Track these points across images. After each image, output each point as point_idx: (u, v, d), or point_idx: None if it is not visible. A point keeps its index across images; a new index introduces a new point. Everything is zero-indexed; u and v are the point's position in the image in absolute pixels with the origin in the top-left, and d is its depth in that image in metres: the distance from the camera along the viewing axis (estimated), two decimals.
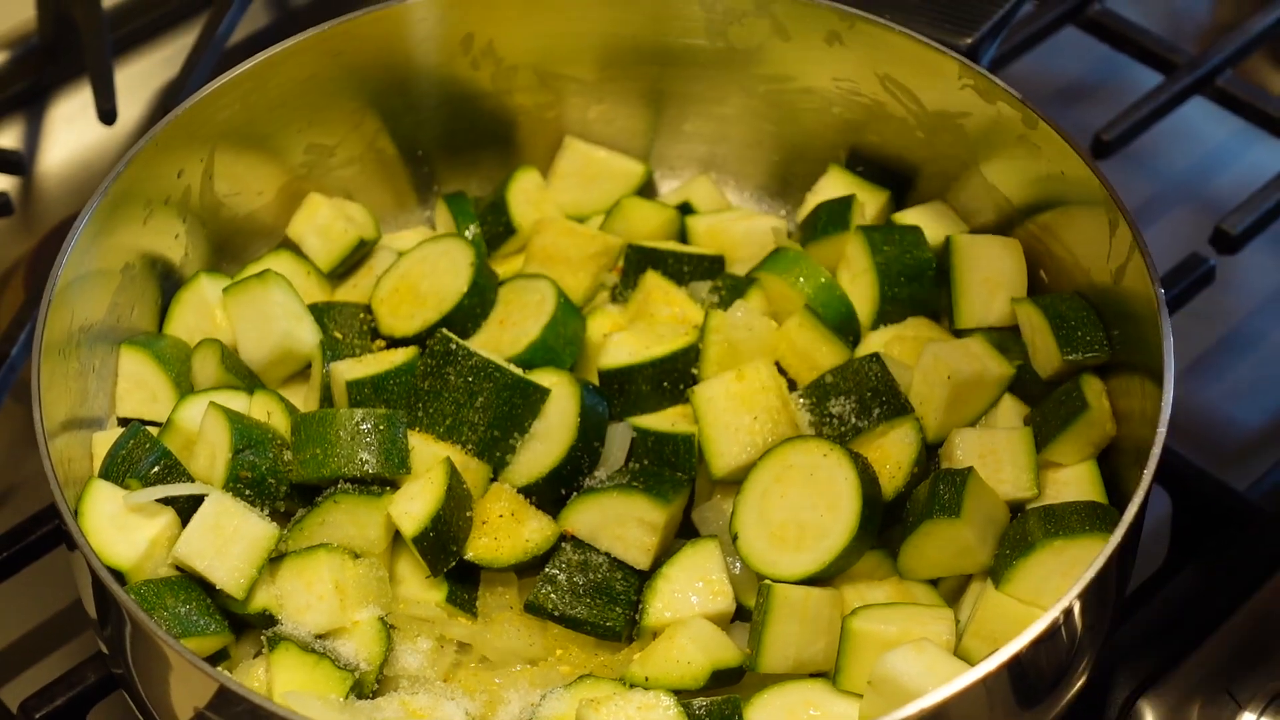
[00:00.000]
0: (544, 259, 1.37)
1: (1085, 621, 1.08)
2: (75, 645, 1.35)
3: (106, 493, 1.19)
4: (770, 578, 1.18)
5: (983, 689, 1.03)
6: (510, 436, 1.24)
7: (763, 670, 1.16)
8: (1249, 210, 1.47)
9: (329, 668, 1.16)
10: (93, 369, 1.27)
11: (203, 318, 1.34)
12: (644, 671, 1.16)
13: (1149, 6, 1.79)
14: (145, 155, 1.28)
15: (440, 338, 1.25)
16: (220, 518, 1.18)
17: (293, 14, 1.79)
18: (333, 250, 1.39)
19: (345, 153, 1.42)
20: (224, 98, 1.33)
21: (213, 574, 1.17)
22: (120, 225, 1.28)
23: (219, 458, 1.21)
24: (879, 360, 1.25)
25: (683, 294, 1.35)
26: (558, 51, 1.42)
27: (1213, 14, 1.84)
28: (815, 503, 1.19)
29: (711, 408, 1.24)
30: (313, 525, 1.22)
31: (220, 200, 1.36)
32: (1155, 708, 1.23)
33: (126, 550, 1.18)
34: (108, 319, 1.29)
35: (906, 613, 1.17)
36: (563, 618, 1.21)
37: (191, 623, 1.16)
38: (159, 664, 1.08)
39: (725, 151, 1.47)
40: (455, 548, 1.22)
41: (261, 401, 1.27)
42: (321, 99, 1.39)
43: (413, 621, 1.22)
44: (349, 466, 1.21)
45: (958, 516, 1.17)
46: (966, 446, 1.23)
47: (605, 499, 1.22)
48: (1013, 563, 1.16)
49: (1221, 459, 1.39)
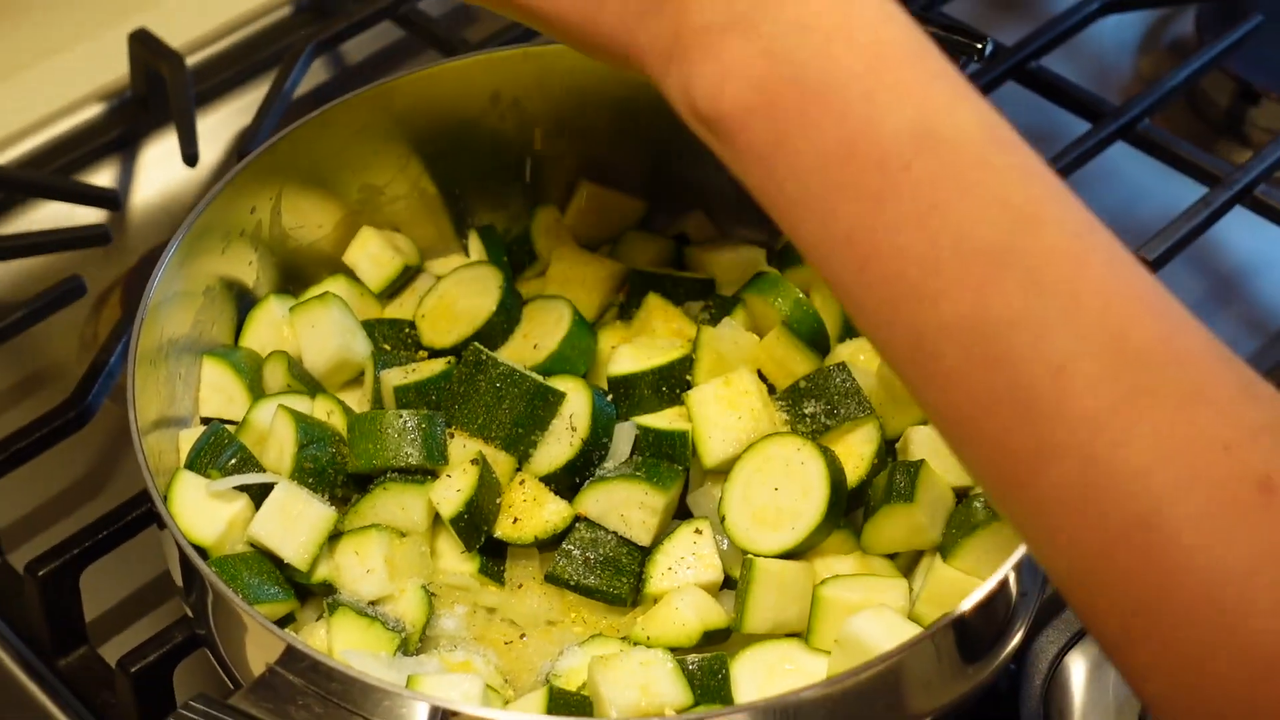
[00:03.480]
0: (561, 282, 1.38)
1: (1019, 589, 1.09)
2: (164, 610, 1.35)
3: (191, 481, 1.20)
4: (752, 553, 1.19)
5: (932, 646, 1.04)
6: (533, 433, 1.24)
7: (746, 631, 1.17)
8: (1165, 238, 1.47)
9: (380, 629, 1.16)
10: (179, 376, 1.28)
11: (272, 332, 1.34)
12: (646, 632, 1.17)
13: (1080, 64, 1.77)
14: (224, 195, 1.28)
15: (473, 349, 1.25)
16: (287, 503, 1.19)
17: (348, 72, 1.79)
18: (382, 275, 1.39)
19: (393, 192, 1.42)
20: (290, 145, 1.33)
21: (282, 550, 1.18)
22: (202, 254, 1.29)
23: (286, 452, 1.22)
24: (845, 369, 1.25)
25: (679, 312, 1.36)
26: (572, 107, 1.42)
27: (1135, 69, 1.84)
28: (791, 489, 1.19)
29: (703, 409, 1.24)
30: (365, 508, 1.22)
31: (287, 232, 1.37)
32: (1081, 661, 1.23)
33: (208, 530, 1.18)
34: (191, 333, 1.29)
35: (868, 583, 1.17)
36: (577, 586, 1.21)
37: (263, 591, 1.16)
38: (236, 626, 1.09)
39: (716, 190, 1.46)
40: (486, 527, 1.22)
41: (322, 404, 1.28)
42: (373, 146, 1.39)
43: (450, 590, 1.23)
44: (396, 459, 1.22)
45: (912, 501, 1.17)
46: (920, 442, 1.23)
47: (613, 486, 1.22)
48: (958, 540, 1.17)
49: None
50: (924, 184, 0.84)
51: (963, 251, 0.83)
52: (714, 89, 0.89)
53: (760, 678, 1.13)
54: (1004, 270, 0.82)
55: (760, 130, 0.88)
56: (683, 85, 0.91)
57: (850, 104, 0.86)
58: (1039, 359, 0.81)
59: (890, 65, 0.87)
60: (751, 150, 0.89)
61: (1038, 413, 0.81)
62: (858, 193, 0.85)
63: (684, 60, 0.91)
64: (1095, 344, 0.80)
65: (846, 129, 0.85)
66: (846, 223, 0.86)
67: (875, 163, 0.85)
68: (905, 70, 0.87)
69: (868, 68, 0.86)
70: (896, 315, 0.85)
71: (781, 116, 0.87)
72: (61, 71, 1.75)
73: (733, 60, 0.88)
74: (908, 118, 0.85)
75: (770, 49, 0.87)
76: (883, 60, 0.87)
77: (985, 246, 0.82)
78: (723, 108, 0.89)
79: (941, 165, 0.84)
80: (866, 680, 1.01)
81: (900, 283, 0.84)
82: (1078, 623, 1.25)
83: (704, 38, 0.89)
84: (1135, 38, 1.86)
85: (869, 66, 0.86)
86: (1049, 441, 0.81)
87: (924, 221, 0.83)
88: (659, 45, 0.93)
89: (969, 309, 0.82)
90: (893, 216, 0.84)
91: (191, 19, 1.78)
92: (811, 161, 0.86)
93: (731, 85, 0.88)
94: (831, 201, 0.86)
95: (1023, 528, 0.85)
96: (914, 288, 0.84)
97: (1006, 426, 0.82)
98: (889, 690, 1.04)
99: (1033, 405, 0.81)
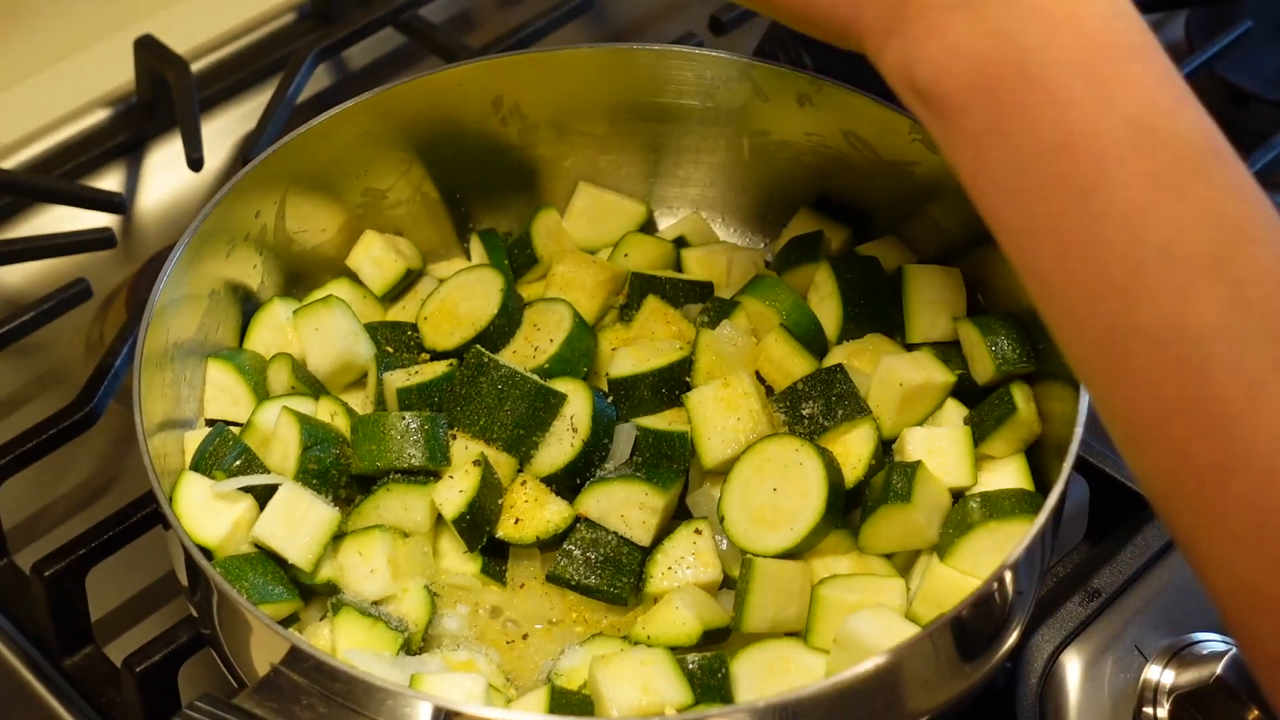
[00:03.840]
0: (562, 285, 1.37)
1: (1015, 589, 1.09)
2: (169, 610, 1.35)
3: (196, 482, 1.20)
4: (751, 553, 1.18)
5: (929, 645, 1.04)
6: (534, 435, 1.24)
7: (745, 630, 1.16)
8: None
9: (383, 629, 1.16)
10: (184, 378, 1.27)
11: (277, 335, 1.34)
12: (646, 631, 1.16)
13: None
14: (228, 199, 1.28)
15: (475, 352, 1.25)
16: (292, 503, 1.19)
17: (351, 77, 1.79)
18: (385, 278, 1.38)
19: (395, 196, 1.42)
20: (294, 149, 1.33)
21: (286, 551, 1.17)
22: (207, 257, 1.28)
23: (291, 453, 1.22)
24: (842, 370, 1.25)
25: (678, 315, 1.35)
26: (572, 111, 1.42)
27: None
28: (789, 490, 1.19)
29: (702, 410, 1.24)
30: (369, 509, 1.22)
31: (291, 236, 1.37)
32: (1075, 660, 1.23)
33: (213, 530, 1.18)
34: (197, 336, 1.29)
35: (865, 582, 1.17)
36: (578, 586, 1.21)
37: (268, 591, 1.16)
38: (240, 626, 1.08)
39: (714, 194, 1.47)
40: (488, 528, 1.22)
41: (326, 406, 1.27)
42: (375, 150, 1.39)
43: (453, 590, 1.23)
44: (399, 460, 1.21)
45: (909, 502, 1.17)
46: (916, 443, 1.23)
47: (613, 487, 1.22)
48: (954, 540, 1.17)
49: None
50: (1138, 183, 0.83)
51: (1170, 256, 0.81)
52: (937, 66, 0.89)
53: (760, 677, 1.13)
54: (1210, 281, 0.81)
55: (979, 112, 0.87)
56: (903, 60, 0.91)
57: (1072, 94, 0.85)
58: (1235, 373, 0.80)
59: (1116, 59, 0.86)
60: (967, 131, 0.88)
61: (1227, 426, 0.80)
62: (1069, 183, 0.84)
63: (906, 35, 0.90)
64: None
65: (1066, 119, 0.85)
66: (1052, 210, 0.85)
67: (1091, 155, 0.84)
68: (1131, 66, 0.86)
69: (1094, 59, 0.85)
70: (1091, 309, 0.84)
71: (1002, 100, 0.86)
72: (68, 77, 1.75)
73: (958, 38, 0.88)
74: (1129, 114, 0.84)
75: (998, 29, 0.86)
76: (1109, 53, 0.86)
77: (1193, 255, 0.81)
78: (943, 86, 0.88)
79: (1159, 167, 0.83)
80: (865, 679, 1.00)
81: (1100, 277, 0.83)
82: (1073, 622, 1.25)
83: (930, 14, 0.89)
84: None
85: (1095, 58, 0.85)
86: (1235, 455, 0.79)
87: (1132, 220, 0.82)
88: (882, 19, 0.92)
89: (1168, 314, 0.81)
90: (1101, 210, 0.83)
91: (196, 25, 1.78)
92: (1026, 148, 0.86)
93: (955, 63, 0.88)
94: (1040, 189, 0.85)
95: (1190, 540, 0.84)
96: (1113, 284, 0.83)
97: (1190, 436, 0.81)
98: (887, 689, 1.04)
99: (1223, 418, 0.80)
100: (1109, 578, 1.27)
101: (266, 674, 1.01)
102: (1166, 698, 1.19)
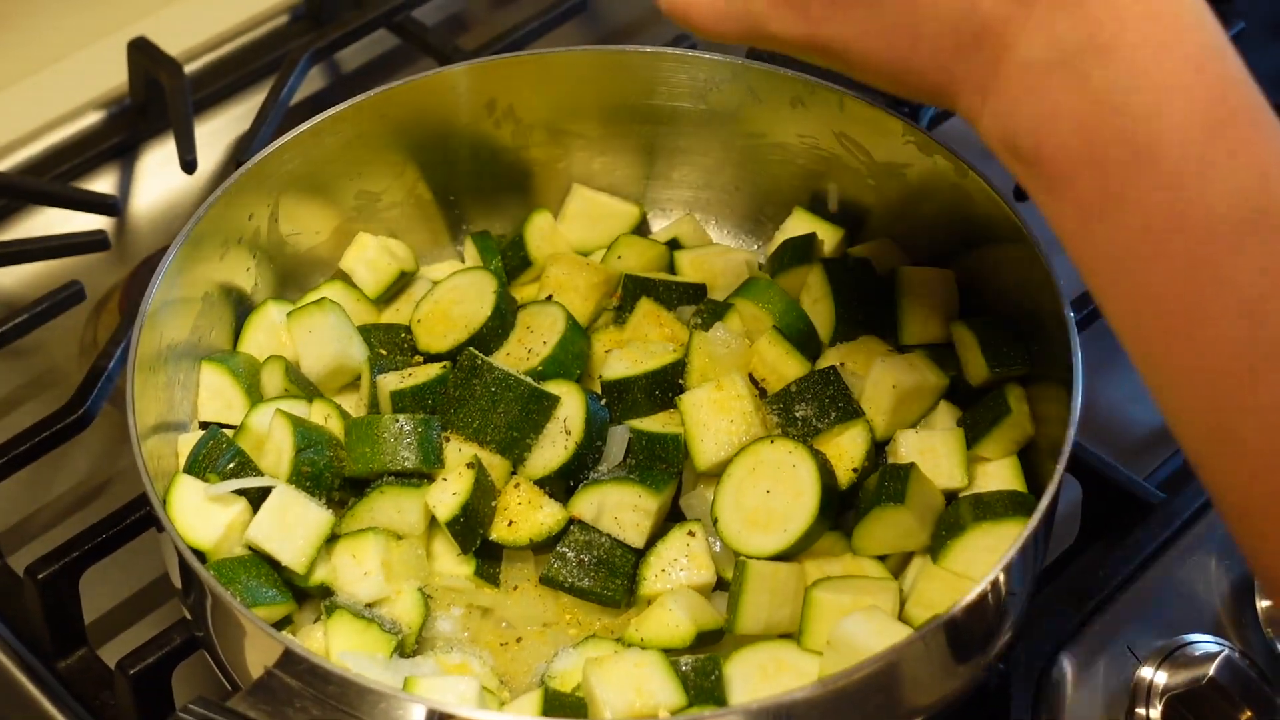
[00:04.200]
0: (555, 287, 1.37)
1: (1009, 590, 1.09)
2: (162, 613, 1.34)
3: (190, 485, 1.20)
4: (745, 555, 1.18)
5: (923, 646, 1.04)
6: (527, 437, 1.24)
7: (739, 632, 1.16)
8: None
9: (377, 631, 1.16)
10: (178, 381, 1.27)
11: (270, 338, 1.34)
12: (639, 633, 1.16)
13: None
14: (222, 201, 1.28)
15: (468, 354, 1.25)
16: (285, 506, 1.18)
17: (344, 80, 1.79)
18: (379, 280, 1.38)
19: (389, 198, 1.42)
20: (287, 152, 1.33)
21: (280, 553, 1.17)
22: (200, 260, 1.28)
23: (284, 456, 1.21)
24: (835, 372, 1.25)
25: (671, 317, 1.35)
26: (566, 113, 1.42)
27: None
28: (782, 492, 1.19)
29: (695, 412, 1.24)
30: (362, 512, 1.22)
31: (284, 239, 1.36)
32: (1069, 662, 1.23)
33: (206, 533, 1.18)
34: (190, 338, 1.29)
35: (859, 584, 1.17)
36: (572, 588, 1.21)
37: (261, 594, 1.16)
38: (234, 629, 1.08)
39: (708, 196, 1.47)
40: (482, 530, 1.22)
41: (320, 408, 1.27)
42: (369, 153, 1.39)
43: (446, 592, 1.22)
44: (393, 462, 1.21)
45: (902, 504, 1.17)
46: (909, 444, 1.23)
47: (607, 489, 1.22)
48: (948, 542, 1.17)
49: (1124, 453, 1.39)
50: (1253, 267, 0.80)
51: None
52: (1037, 130, 0.85)
53: (753, 678, 1.13)
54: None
55: (1087, 185, 0.84)
56: (1001, 122, 0.87)
57: (1184, 174, 0.81)
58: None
59: (1227, 129, 0.82)
60: (1074, 202, 0.85)
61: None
62: (1182, 265, 0.81)
63: (1003, 96, 0.86)
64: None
65: (1178, 200, 0.81)
66: (1163, 291, 0.82)
67: (1204, 238, 0.80)
68: (1243, 133, 0.82)
69: (1203, 132, 0.81)
70: (1204, 393, 0.82)
71: (1110, 174, 0.83)
72: (61, 79, 1.74)
73: (1059, 102, 0.84)
74: (1244, 194, 0.80)
75: (1103, 96, 0.82)
76: (1220, 123, 0.82)
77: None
78: (1045, 151, 0.85)
79: (1275, 250, 0.80)
80: (858, 681, 1.00)
81: (1215, 361, 0.81)
82: (1066, 623, 1.24)
83: (1028, 75, 0.85)
84: None
85: (1205, 130, 0.81)
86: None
87: (1252, 308, 0.80)
88: (975, 79, 0.88)
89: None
90: (1217, 293, 0.80)
91: (190, 27, 1.78)
92: (1137, 228, 0.82)
93: (1057, 129, 0.84)
94: (1152, 269, 0.82)
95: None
96: (1228, 370, 0.81)
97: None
98: (880, 691, 1.04)
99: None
100: (1102, 579, 1.26)
101: (260, 677, 1.01)
102: (1159, 699, 1.19)
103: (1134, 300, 0.84)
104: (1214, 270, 0.81)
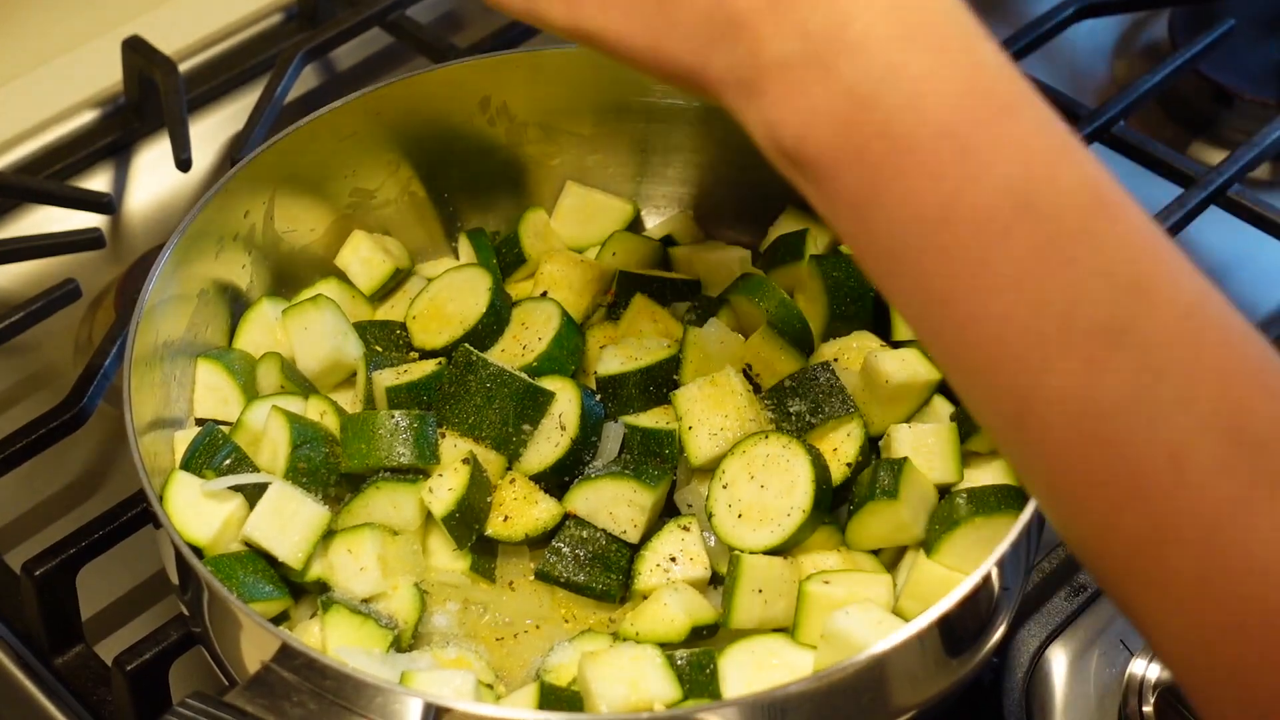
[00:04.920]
0: (550, 284, 1.37)
1: (1002, 584, 1.09)
2: (159, 609, 1.34)
3: (186, 481, 1.20)
4: (739, 549, 1.18)
5: (917, 641, 1.03)
6: (522, 433, 1.24)
7: (733, 626, 1.16)
8: None
9: (373, 626, 1.16)
10: (174, 378, 1.27)
11: (266, 334, 1.34)
12: (635, 628, 1.17)
13: (1055, 67, 1.78)
14: (217, 199, 1.28)
15: (463, 351, 1.25)
16: (282, 502, 1.18)
17: (339, 78, 1.79)
18: (373, 277, 1.38)
19: (383, 196, 1.42)
20: (282, 150, 1.33)
21: (276, 549, 1.17)
22: (196, 258, 1.28)
23: (280, 452, 1.22)
24: (829, 368, 1.25)
25: (665, 313, 1.35)
26: (560, 110, 1.42)
27: (1110, 73, 1.84)
28: (776, 487, 1.19)
29: (690, 408, 1.24)
30: (358, 507, 1.22)
31: (279, 236, 1.36)
32: (1061, 654, 1.23)
33: (203, 529, 1.18)
34: (186, 335, 1.29)
35: (853, 578, 1.17)
36: (567, 583, 1.21)
37: (258, 589, 1.16)
38: (231, 624, 1.08)
39: (701, 193, 1.47)
40: (477, 525, 1.22)
41: (315, 405, 1.27)
42: (363, 151, 1.39)
43: (442, 587, 1.23)
44: (388, 458, 1.21)
45: (896, 498, 1.17)
46: (902, 439, 1.23)
47: (602, 484, 1.22)
48: (941, 536, 1.17)
49: None
50: (1024, 254, 0.78)
51: (1069, 327, 0.78)
52: (798, 130, 0.83)
53: (747, 672, 1.13)
54: (1114, 350, 0.77)
55: (851, 181, 0.82)
56: (765, 122, 0.85)
57: (945, 164, 0.79)
58: (1154, 443, 0.77)
59: (985, 119, 0.80)
60: (842, 199, 0.83)
61: (1153, 497, 0.77)
62: (955, 255, 0.80)
63: (764, 95, 0.84)
64: (1213, 431, 0.76)
65: (942, 190, 0.80)
66: (944, 284, 0.81)
67: (972, 227, 0.79)
68: (1003, 124, 0.80)
69: (961, 121, 0.80)
70: (998, 381, 0.81)
71: (873, 169, 0.81)
72: (56, 77, 1.74)
73: (816, 98, 0.82)
74: (1006, 180, 0.79)
75: (854, 90, 0.81)
76: (977, 113, 0.80)
77: (1094, 324, 0.78)
78: (808, 149, 0.83)
79: (1044, 234, 0.78)
80: (852, 675, 1.00)
81: (1002, 349, 0.80)
82: (1059, 616, 1.25)
83: (784, 73, 0.83)
84: (1110, 42, 1.86)
85: (964, 119, 0.80)
86: (1165, 527, 0.77)
87: (1026, 292, 0.79)
88: (736, 76, 0.85)
89: (1078, 386, 0.78)
90: (993, 283, 0.79)
91: (184, 26, 1.78)
92: (906, 219, 0.81)
93: (817, 126, 0.82)
94: (928, 262, 0.81)
95: (1130, 606, 0.81)
96: (1018, 357, 0.79)
97: (1118, 507, 0.78)
98: (874, 685, 1.04)
99: (1147, 489, 0.77)
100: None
101: (257, 671, 1.01)
102: (1152, 691, 1.19)
103: (919, 293, 0.82)
104: (988, 260, 0.79)
